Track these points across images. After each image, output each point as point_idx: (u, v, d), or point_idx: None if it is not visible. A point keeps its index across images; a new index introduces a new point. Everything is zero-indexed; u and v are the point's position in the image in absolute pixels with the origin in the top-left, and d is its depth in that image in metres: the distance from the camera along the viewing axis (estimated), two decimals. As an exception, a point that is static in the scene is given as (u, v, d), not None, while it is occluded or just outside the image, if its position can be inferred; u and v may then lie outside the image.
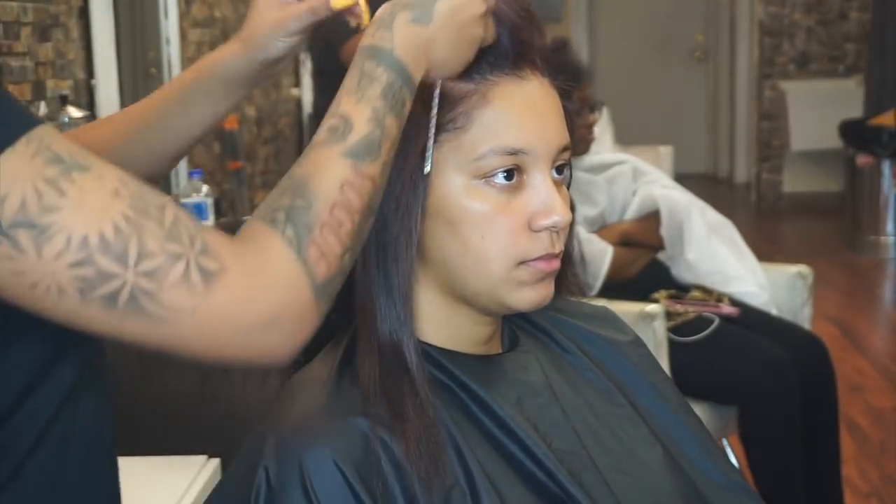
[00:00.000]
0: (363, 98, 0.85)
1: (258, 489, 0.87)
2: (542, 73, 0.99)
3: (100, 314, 0.73)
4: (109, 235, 0.72)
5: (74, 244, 0.71)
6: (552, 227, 0.95)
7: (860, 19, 7.41)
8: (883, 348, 4.57)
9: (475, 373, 0.98)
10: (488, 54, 0.95)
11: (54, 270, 0.71)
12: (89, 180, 0.73)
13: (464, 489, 0.91)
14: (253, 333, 0.76)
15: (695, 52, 8.80)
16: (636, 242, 2.78)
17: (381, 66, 0.87)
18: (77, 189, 0.72)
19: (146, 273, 0.73)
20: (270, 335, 0.77)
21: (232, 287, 0.75)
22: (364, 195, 0.82)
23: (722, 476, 1.09)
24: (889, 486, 3.11)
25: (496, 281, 0.95)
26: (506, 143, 0.94)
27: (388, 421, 0.90)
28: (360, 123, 0.84)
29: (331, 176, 0.81)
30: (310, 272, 0.78)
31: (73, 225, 0.71)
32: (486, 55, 0.95)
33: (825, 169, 7.42)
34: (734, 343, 2.54)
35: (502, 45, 0.96)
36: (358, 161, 0.82)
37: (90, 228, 0.71)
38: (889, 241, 6.03)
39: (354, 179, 0.81)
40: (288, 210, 0.79)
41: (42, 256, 0.71)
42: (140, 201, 0.74)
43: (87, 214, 0.72)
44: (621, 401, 1.08)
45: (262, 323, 0.76)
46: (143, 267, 0.72)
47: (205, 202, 2.91)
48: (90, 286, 0.72)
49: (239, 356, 0.78)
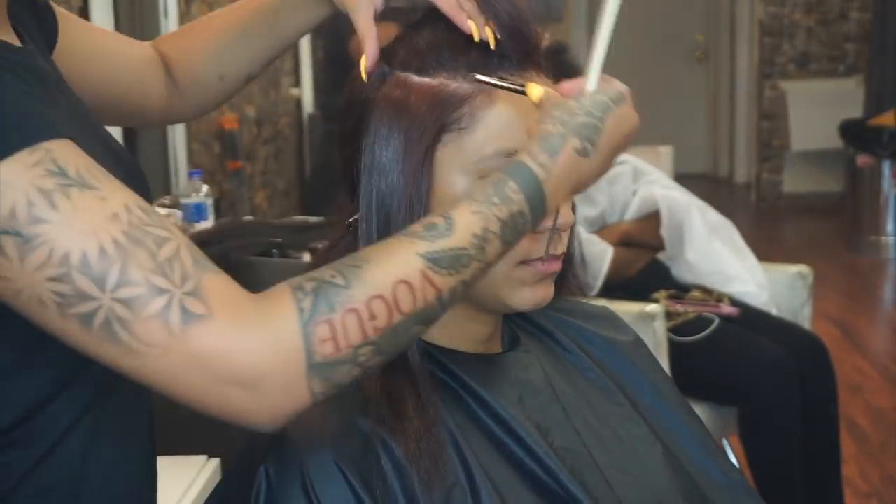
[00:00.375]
0: (483, 214, 0.79)
1: (258, 489, 0.87)
2: (547, 75, 0.99)
3: (77, 333, 0.73)
4: (92, 256, 0.71)
5: (56, 259, 0.71)
6: (554, 228, 0.95)
7: (860, 19, 7.41)
8: (883, 348, 4.57)
9: (476, 372, 0.98)
10: (493, 56, 0.95)
11: (34, 282, 0.71)
12: (89, 199, 0.72)
13: (464, 488, 0.91)
14: (227, 387, 0.73)
15: (695, 52, 8.79)
16: (636, 242, 2.78)
17: (521, 194, 0.81)
18: (71, 205, 0.72)
19: (122, 301, 0.72)
20: (247, 395, 0.74)
21: (212, 335, 0.72)
22: (420, 302, 0.77)
23: (722, 475, 1.09)
24: (889, 486, 3.11)
25: (497, 281, 0.95)
26: (510, 146, 0.94)
27: (388, 420, 0.90)
28: (463, 234, 0.78)
29: (392, 269, 0.76)
30: (310, 347, 0.74)
31: (57, 239, 0.71)
32: (491, 57, 0.95)
33: (825, 169, 7.42)
34: (734, 343, 2.54)
35: (507, 47, 0.96)
36: (433, 268, 0.77)
37: (74, 246, 0.71)
38: (889, 241, 6.02)
39: (417, 283, 0.76)
40: (319, 282, 0.75)
41: (24, 266, 0.71)
42: (139, 230, 0.73)
43: (74, 231, 0.71)
44: (622, 400, 1.08)
45: (240, 380, 0.73)
46: (120, 294, 0.72)
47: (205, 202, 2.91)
48: (67, 303, 0.72)
49: (212, 407, 0.75)
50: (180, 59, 1.16)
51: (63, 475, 0.87)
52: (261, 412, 0.75)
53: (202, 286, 0.73)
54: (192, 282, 0.73)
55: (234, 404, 0.74)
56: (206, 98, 1.18)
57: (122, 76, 1.12)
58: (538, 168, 0.82)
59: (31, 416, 0.84)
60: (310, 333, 0.74)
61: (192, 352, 0.72)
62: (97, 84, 1.08)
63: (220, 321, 0.73)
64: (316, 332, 0.74)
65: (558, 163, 0.82)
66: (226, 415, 0.76)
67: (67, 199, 0.72)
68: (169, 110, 1.18)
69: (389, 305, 0.75)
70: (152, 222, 0.74)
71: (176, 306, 0.72)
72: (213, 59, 1.15)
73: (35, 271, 0.71)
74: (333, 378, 0.76)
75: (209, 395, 0.74)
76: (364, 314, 0.75)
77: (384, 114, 0.94)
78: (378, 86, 0.95)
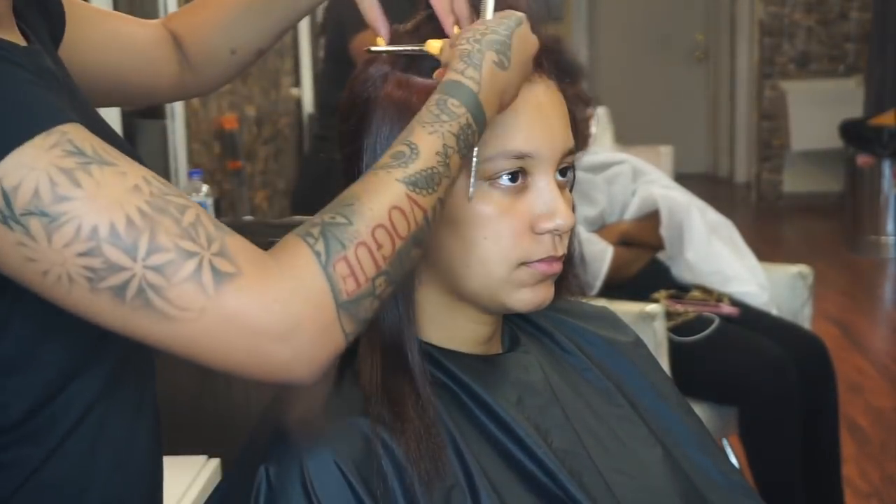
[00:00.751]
0: (437, 132, 0.84)
1: (259, 489, 0.87)
2: (549, 76, 0.99)
3: (109, 306, 0.73)
4: (120, 227, 0.72)
5: (84, 234, 0.72)
6: (555, 230, 0.95)
7: (860, 19, 7.41)
8: (883, 348, 4.57)
9: (475, 373, 0.98)
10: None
11: (64, 259, 0.72)
12: (109, 174, 0.74)
13: (464, 489, 0.91)
14: (264, 343, 0.75)
15: (695, 52, 8.79)
16: (636, 242, 2.78)
17: (463, 107, 0.86)
18: (94, 181, 0.73)
19: (155, 267, 0.73)
20: (284, 347, 0.75)
21: (245, 291, 0.74)
22: (413, 224, 0.81)
23: (721, 475, 1.09)
24: (889, 487, 3.11)
25: (497, 282, 0.95)
26: (513, 147, 0.94)
27: (388, 421, 0.90)
28: (428, 155, 0.83)
29: (382, 198, 0.80)
30: (335, 287, 0.76)
31: (84, 215, 0.72)
32: None
33: (825, 169, 7.42)
34: (734, 343, 2.54)
35: None
36: (414, 190, 0.81)
37: (101, 219, 0.72)
38: (889, 241, 6.02)
39: (406, 206, 0.80)
40: (324, 225, 0.78)
41: (52, 244, 0.72)
42: (160, 199, 0.74)
43: (100, 205, 0.72)
44: (621, 401, 1.08)
45: (276, 333, 0.74)
46: (151, 261, 0.73)
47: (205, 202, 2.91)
48: (99, 276, 0.72)
49: (250, 367, 0.76)
50: (191, 35, 1.17)
51: (72, 469, 0.88)
52: (300, 364, 0.76)
53: (227, 246, 0.75)
54: (218, 243, 0.75)
55: (272, 361, 0.75)
56: (218, 72, 1.20)
57: (131, 58, 1.13)
58: (470, 82, 0.87)
59: (40, 410, 0.85)
60: (331, 274, 0.76)
61: (227, 310, 0.74)
62: (106, 67, 1.10)
63: (250, 277, 0.74)
64: (336, 271, 0.76)
65: (484, 75, 0.88)
66: (265, 373, 0.76)
67: (89, 176, 0.73)
68: (182, 87, 1.19)
69: (390, 232, 0.79)
70: (171, 192, 0.76)
71: (207, 267, 0.73)
72: (223, 34, 1.16)
73: (63, 248, 0.72)
74: (359, 314, 0.78)
75: (247, 355, 0.75)
76: (372, 245, 0.78)
77: (386, 113, 0.94)
78: (380, 85, 0.96)
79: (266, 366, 0.76)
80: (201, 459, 1.69)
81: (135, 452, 0.94)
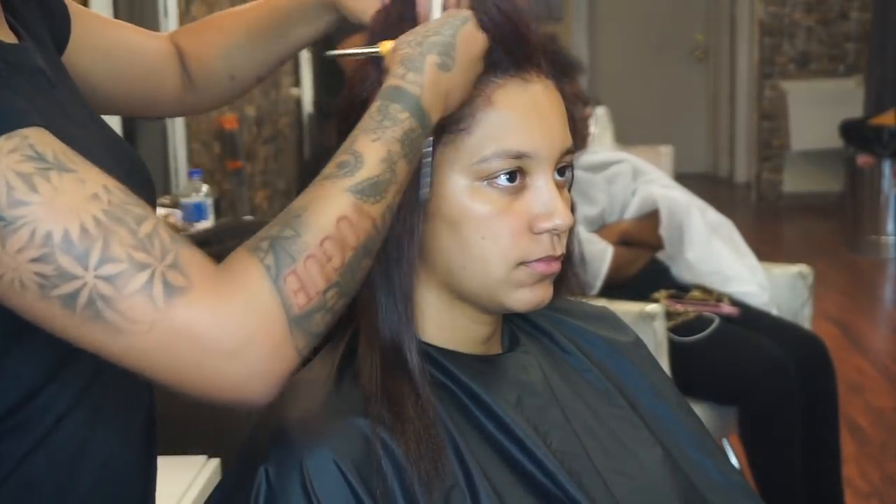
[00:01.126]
0: (381, 139, 0.83)
1: (258, 489, 0.87)
2: (546, 76, 0.99)
3: (60, 315, 0.73)
4: (74, 235, 0.71)
5: (38, 239, 0.71)
6: (554, 230, 0.95)
7: (860, 19, 7.41)
8: (883, 348, 4.57)
9: (475, 373, 0.98)
10: (492, 57, 0.95)
11: (17, 264, 0.71)
12: (68, 181, 0.73)
13: (463, 490, 0.91)
14: (215, 359, 0.73)
15: (695, 52, 8.79)
16: (636, 242, 2.78)
17: (406, 112, 0.85)
18: (51, 187, 0.72)
19: (106, 277, 0.72)
20: (235, 365, 0.74)
21: (196, 306, 0.73)
22: (361, 234, 0.80)
23: (721, 476, 1.09)
24: (889, 487, 3.11)
25: (495, 281, 0.95)
26: (510, 147, 0.94)
27: (388, 421, 0.90)
28: (373, 163, 0.82)
29: (329, 209, 0.79)
30: (286, 302, 0.75)
31: (39, 220, 0.71)
32: (490, 58, 0.95)
33: (825, 169, 7.42)
34: (734, 343, 2.54)
35: (505, 48, 0.95)
36: (361, 199, 0.80)
37: (56, 226, 0.71)
38: (889, 241, 6.02)
39: (353, 216, 0.79)
40: (273, 238, 0.77)
41: (6, 249, 0.71)
42: (118, 209, 0.73)
43: (56, 212, 0.72)
44: (621, 402, 1.08)
45: (227, 349, 0.73)
46: (103, 271, 0.72)
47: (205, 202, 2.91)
48: (50, 283, 0.72)
49: (202, 384, 0.75)
50: (195, 54, 1.18)
51: (54, 468, 0.87)
52: (252, 381, 0.75)
53: (181, 258, 0.74)
54: (172, 255, 0.74)
55: (223, 378, 0.74)
56: (217, 94, 1.21)
57: (135, 67, 1.14)
58: (412, 86, 0.86)
59: (23, 404, 0.84)
60: (282, 288, 0.75)
61: (177, 325, 0.72)
62: (110, 74, 1.10)
63: (201, 292, 0.73)
64: (286, 285, 0.75)
65: (425, 78, 0.87)
66: (217, 390, 0.75)
67: (47, 182, 0.72)
68: (181, 102, 1.20)
69: (339, 243, 0.78)
70: (130, 201, 0.75)
71: (158, 280, 0.72)
72: (224, 60, 1.17)
73: (17, 253, 0.71)
74: (311, 328, 0.77)
75: (198, 371, 0.74)
76: (321, 258, 0.77)
77: None
78: (377, 86, 0.96)
79: (217, 382, 0.75)
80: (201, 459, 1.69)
81: (125, 455, 0.94)
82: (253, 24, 1.16)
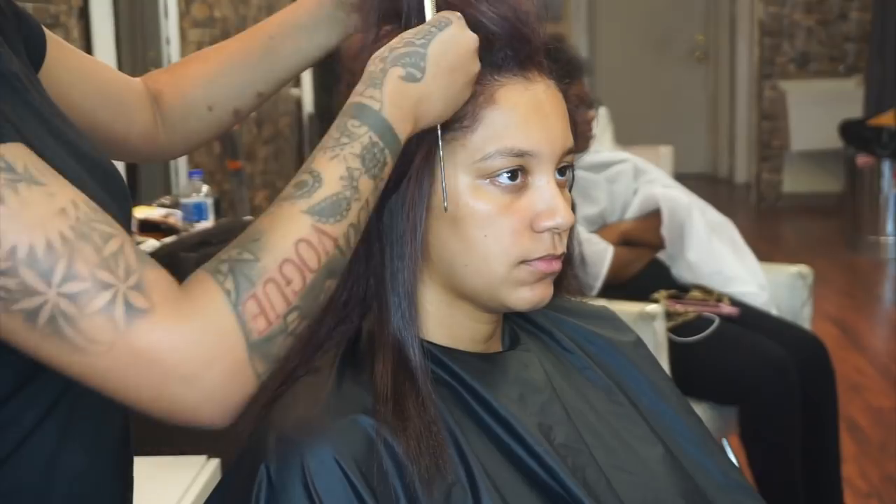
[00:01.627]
0: (339, 156, 0.82)
1: (259, 488, 0.87)
2: (549, 76, 0.99)
3: (22, 329, 0.72)
4: (39, 250, 0.71)
5: (2, 253, 0.70)
6: (555, 228, 0.95)
7: (860, 19, 7.42)
8: (883, 348, 4.57)
9: (476, 371, 0.98)
10: (495, 55, 0.95)
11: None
12: (36, 194, 0.72)
13: (464, 487, 0.91)
14: (172, 383, 0.73)
15: (695, 52, 8.80)
16: (637, 242, 2.78)
17: (364, 126, 0.84)
18: (18, 199, 0.71)
19: (69, 295, 0.71)
20: (192, 390, 0.73)
21: (155, 330, 0.72)
22: (323, 255, 0.79)
23: (722, 475, 1.09)
24: (889, 486, 3.11)
25: (496, 280, 0.96)
26: (512, 145, 0.94)
27: (389, 419, 0.90)
28: (331, 181, 0.81)
29: (287, 232, 0.78)
30: (245, 327, 0.74)
31: (4, 233, 0.70)
32: (492, 56, 0.95)
33: (825, 169, 7.42)
34: (734, 343, 2.54)
35: (508, 47, 0.96)
36: (320, 220, 0.79)
37: (21, 240, 0.70)
38: (889, 241, 6.03)
39: (312, 238, 0.78)
40: (232, 262, 0.76)
41: None
42: (86, 226, 0.73)
43: (22, 225, 0.71)
44: (622, 400, 1.08)
45: (185, 373, 0.73)
46: (66, 288, 0.71)
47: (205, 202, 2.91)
48: (12, 298, 0.71)
49: (159, 406, 0.74)
50: (170, 88, 1.15)
51: (28, 479, 0.85)
52: (209, 406, 0.74)
53: (144, 280, 0.73)
54: (136, 276, 0.73)
55: (181, 402, 0.74)
56: (192, 130, 1.17)
57: (108, 98, 1.11)
58: (370, 101, 0.85)
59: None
60: (241, 313, 0.75)
61: (136, 347, 0.72)
62: (81, 104, 1.07)
63: (162, 315, 0.72)
64: (246, 310, 0.75)
65: (386, 92, 0.86)
66: (174, 413, 0.75)
67: (15, 194, 0.71)
68: (153, 142, 1.17)
69: (298, 266, 0.77)
70: (98, 219, 0.74)
71: (120, 301, 0.72)
72: (203, 88, 1.15)
73: None
74: (272, 353, 0.76)
75: (156, 394, 0.73)
76: (280, 281, 0.76)
77: None
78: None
79: (174, 406, 0.74)
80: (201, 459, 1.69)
81: (99, 464, 0.92)
82: (233, 47, 1.14)
